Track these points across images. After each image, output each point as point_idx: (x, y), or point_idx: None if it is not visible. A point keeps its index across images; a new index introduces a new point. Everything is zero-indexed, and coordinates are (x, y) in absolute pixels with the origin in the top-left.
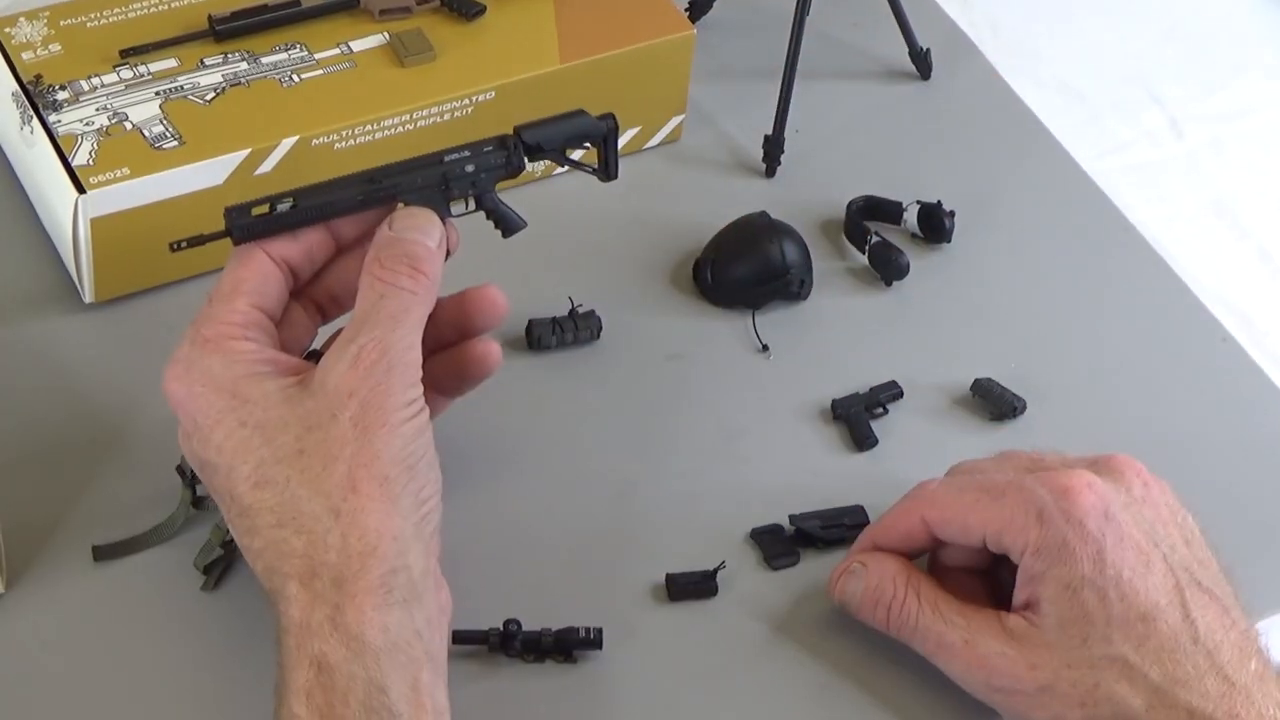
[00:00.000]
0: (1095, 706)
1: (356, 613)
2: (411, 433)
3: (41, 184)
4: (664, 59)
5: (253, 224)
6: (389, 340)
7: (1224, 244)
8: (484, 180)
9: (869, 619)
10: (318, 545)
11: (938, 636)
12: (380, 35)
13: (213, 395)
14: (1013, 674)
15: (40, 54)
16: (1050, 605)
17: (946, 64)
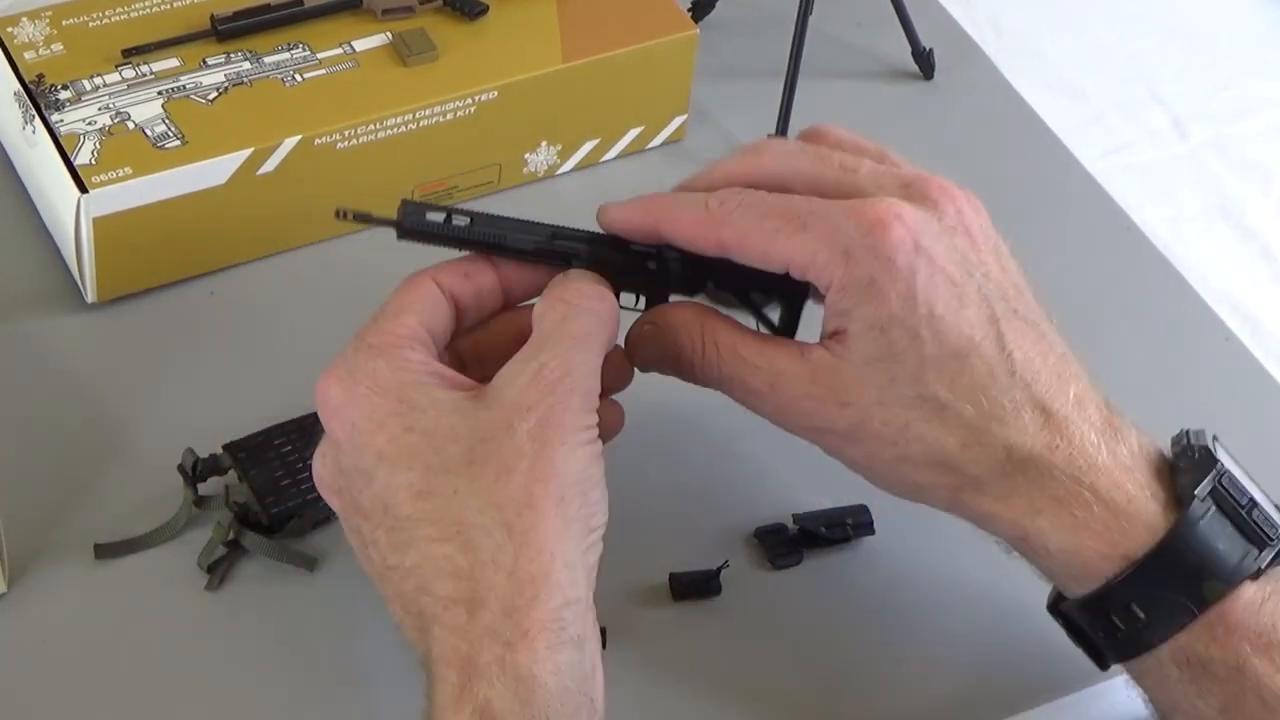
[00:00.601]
0: (907, 445)
1: (529, 651)
2: (588, 457)
3: (44, 183)
4: (667, 59)
5: (424, 227)
6: (572, 360)
7: (1228, 244)
8: (659, 286)
9: (675, 375)
10: (485, 565)
11: (743, 383)
12: (383, 35)
13: (378, 399)
14: (823, 415)
15: (42, 53)
16: (858, 343)
17: (949, 64)
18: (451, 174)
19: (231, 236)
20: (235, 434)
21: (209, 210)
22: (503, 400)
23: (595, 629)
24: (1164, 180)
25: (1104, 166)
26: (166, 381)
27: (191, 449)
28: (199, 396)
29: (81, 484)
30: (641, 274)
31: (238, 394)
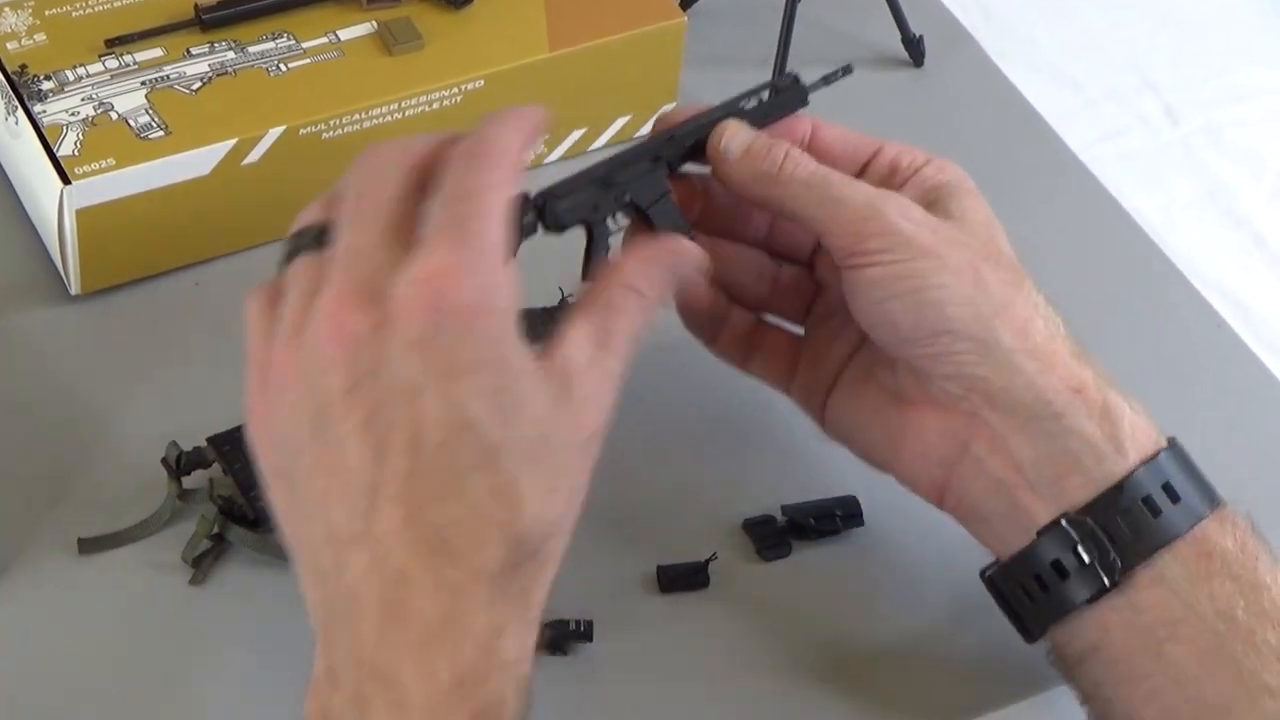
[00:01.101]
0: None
1: None
2: None
3: (26, 175)
4: (655, 47)
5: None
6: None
7: (1219, 231)
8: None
9: (751, 169)
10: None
11: (837, 183)
12: (368, 24)
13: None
14: (926, 221)
15: (25, 44)
16: (953, 201)
17: (940, 51)
18: None
19: (216, 228)
20: (220, 427)
21: (193, 201)
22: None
23: None
24: (1156, 167)
25: (1095, 153)
26: (150, 374)
27: (175, 442)
28: (183, 389)
29: (64, 478)
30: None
31: (223, 387)
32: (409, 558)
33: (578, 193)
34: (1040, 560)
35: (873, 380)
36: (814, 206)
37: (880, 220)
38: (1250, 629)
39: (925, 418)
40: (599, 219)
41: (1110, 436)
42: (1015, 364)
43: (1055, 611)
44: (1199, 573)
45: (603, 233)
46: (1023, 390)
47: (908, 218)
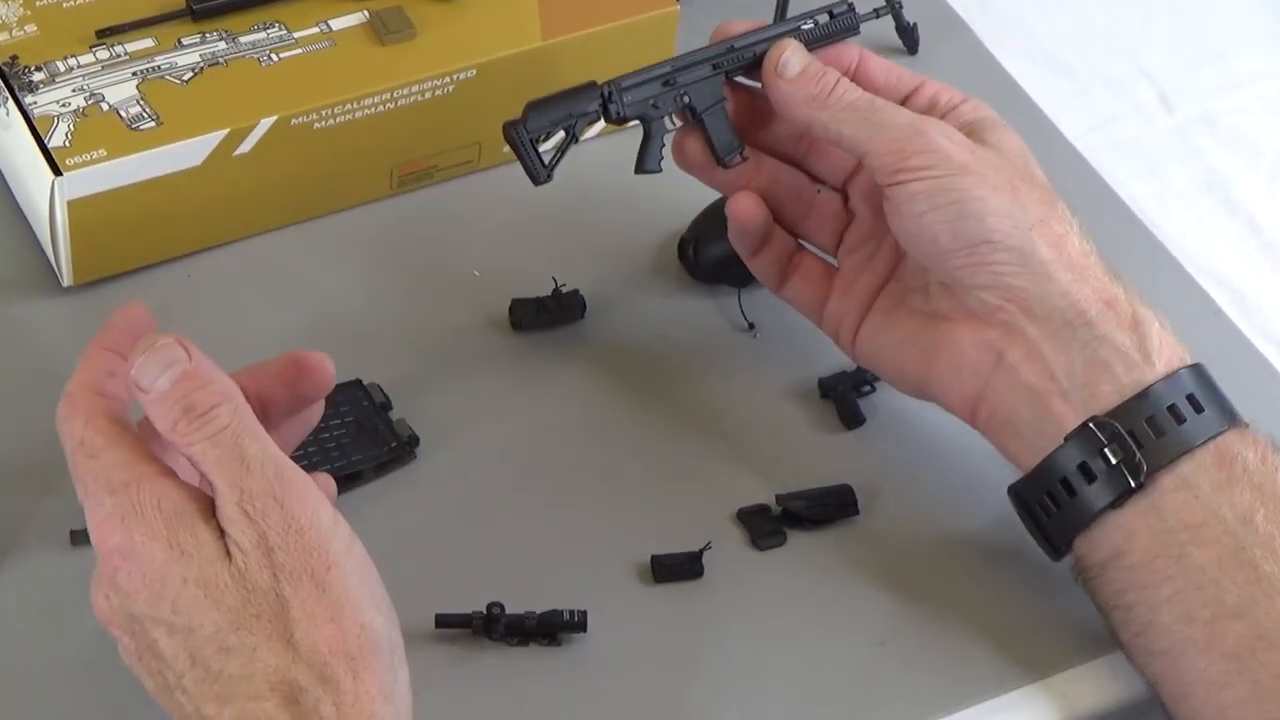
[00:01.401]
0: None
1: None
2: (358, 562)
3: (18, 166)
4: (647, 36)
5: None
6: (249, 483)
7: (1215, 219)
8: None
9: (805, 90)
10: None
11: (873, 107)
12: (360, 13)
13: (156, 546)
14: (968, 147)
15: (15, 35)
16: (991, 133)
17: (934, 38)
18: (431, 153)
19: (208, 219)
20: None
21: (185, 192)
22: (259, 556)
23: None
24: (1151, 155)
25: (1091, 141)
26: None
27: None
28: None
29: (57, 470)
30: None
31: None
32: None
33: (643, 85)
34: (1068, 464)
35: (904, 307)
36: (860, 128)
37: (923, 139)
38: (1270, 535)
39: (960, 332)
40: (657, 116)
41: (1139, 346)
42: (1051, 274)
43: (1080, 518)
44: (1221, 479)
45: (659, 129)
46: (1058, 299)
47: (949, 138)
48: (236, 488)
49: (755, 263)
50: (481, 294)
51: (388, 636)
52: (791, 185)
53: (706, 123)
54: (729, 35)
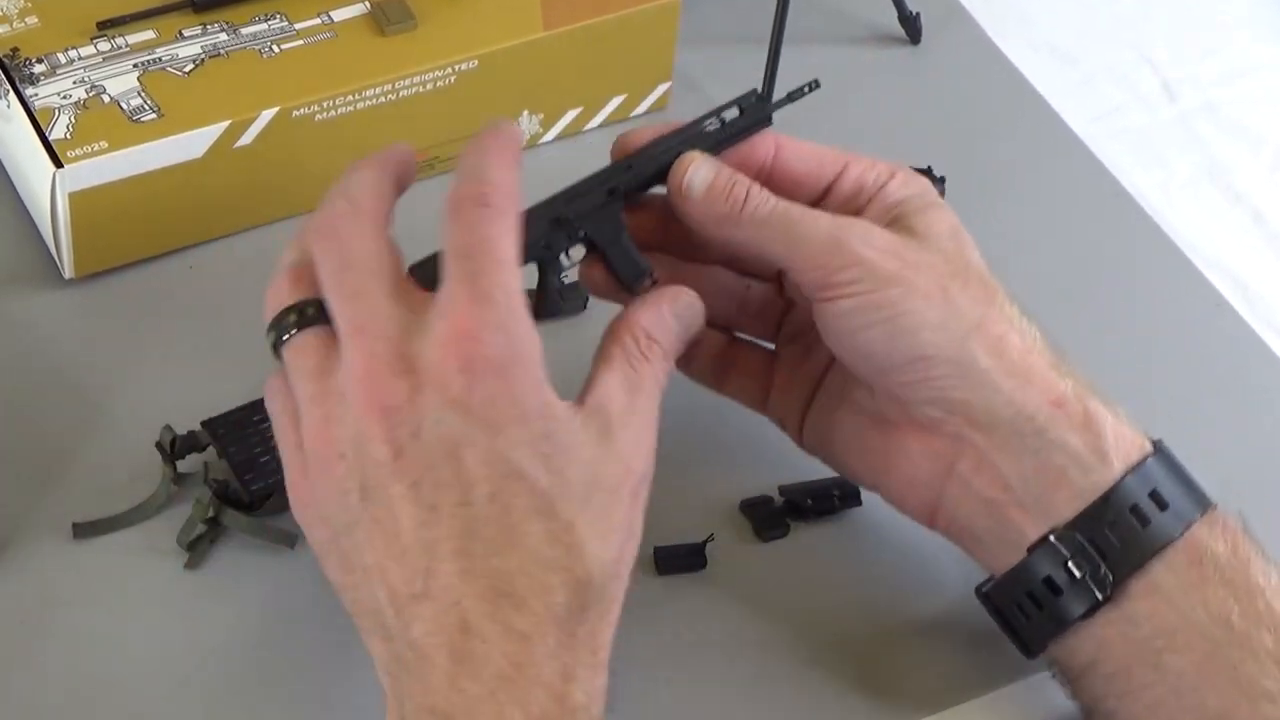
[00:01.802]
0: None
1: None
2: None
3: (19, 159)
4: (649, 26)
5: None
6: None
7: (1218, 208)
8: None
9: (713, 209)
10: None
11: (798, 218)
12: (361, 4)
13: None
14: (892, 245)
15: (16, 27)
16: (919, 218)
17: (936, 28)
18: (432, 144)
19: (210, 210)
20: (214, 410)
21: (187, 184)
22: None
23: None
24: (1154, 144)
25: (1094, 130)
26: (145, 358)
27: (170, 426)
28: (178, 373)
29: (59, 462)
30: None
31: (217, 370)
32: (474, 610)
33: (532, 229)
34: (1033, 577)
35: (849, 401)
36: (778, 245)
37: (845, 252)
38: (1246, 634)
39: (908, 440)
40: (552, 256)
41: (1094, 448)
42: (993, 383)
43: (1052, 628)
44: (1192, 580)
45: (555, 268)
46: (1003, 408)
47: (872, 246)
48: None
49: (690, 370)
50: None
51: None
52: (719, 285)
53: (608, 254)
54: (629, 149)
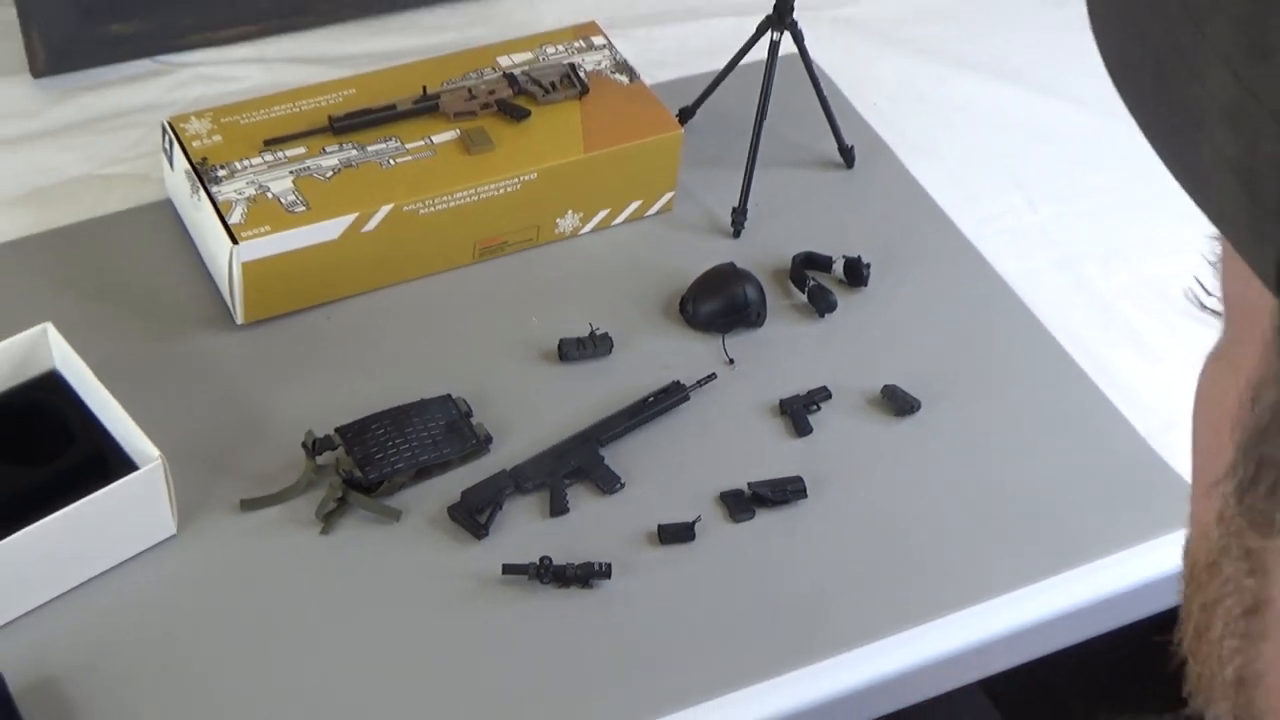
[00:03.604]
0: None
1: None
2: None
3: (206, 236)
4: (661, 151)
5: None
6: None
7: (1066, 290)
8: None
9: None
10: None
11: None
12: (454, 131)
13: None
14: None
15: (206, 143)
16: None
17: (865, 157)
18: (502, 233)
19: (342, 277)
20: (344, 420)
21: (326, 257)
22: None
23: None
24: (1020, 243)
25: (978, 232)
26: (294, 382)
27: (311, 431)
28: (318, 393)
29: (230, 457)
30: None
31: (346, 391)
32: None
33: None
34: None
35: None
36: None
37: None
38: None
39: None
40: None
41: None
42: None
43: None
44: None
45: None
46: None
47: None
48: None
49: None
50: (537, 335)
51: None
52: None
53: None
54: None
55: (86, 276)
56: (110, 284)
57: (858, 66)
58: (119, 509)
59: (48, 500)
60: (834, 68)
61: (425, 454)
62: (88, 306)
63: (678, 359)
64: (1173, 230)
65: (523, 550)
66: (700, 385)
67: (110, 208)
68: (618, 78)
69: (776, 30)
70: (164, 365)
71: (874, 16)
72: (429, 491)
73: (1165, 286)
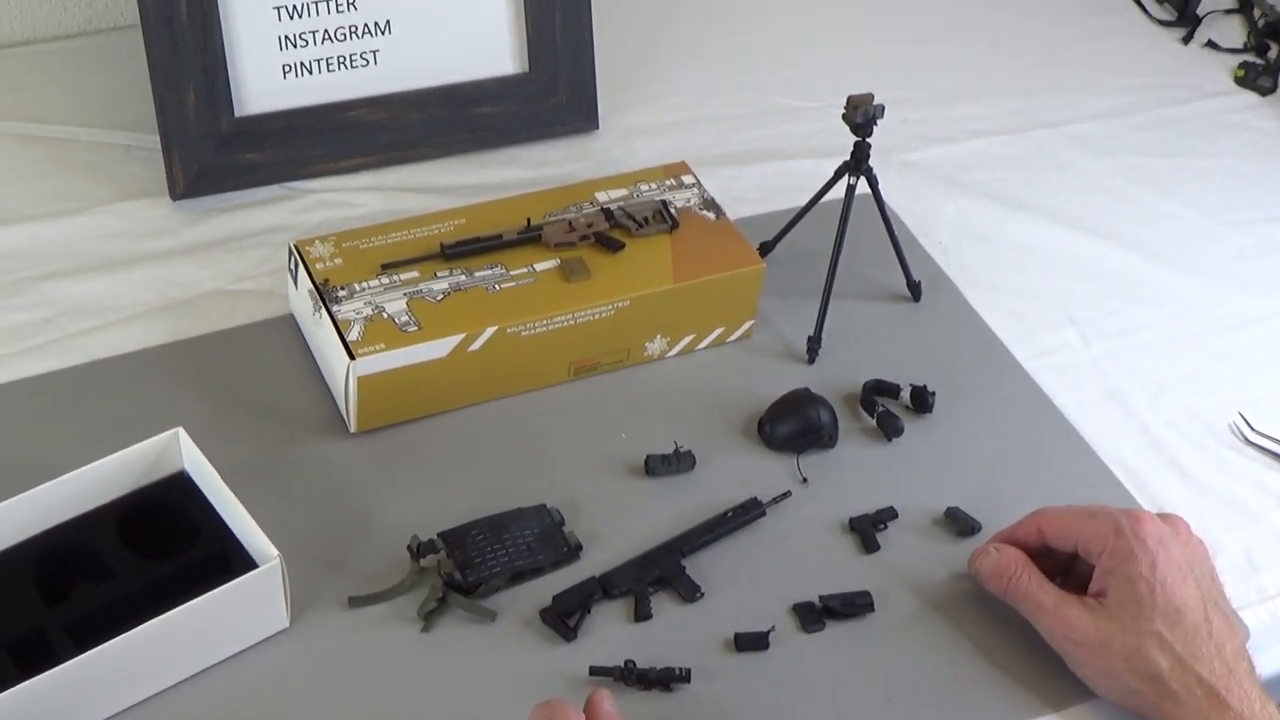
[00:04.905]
0: (1135, 661)
1: None
2: None
3: (325, 351)
4: (743, 282)
5: None
6: None
7: (1117, 421)
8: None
9: (991, 587)
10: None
11: (1038, 601)
12: (554, 260)
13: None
14: (1082, 630)
15: (329, 265)
16: (1115, 591)
17: (931, 291)
18: (595, 354)
19: (450, 391)
20: (446, 525)
21: (435, 374)
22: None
23: None
24: (1074, 375)
25: (1034, 365)
26: (401, 487)
27: (416, 535)
28: (422, 498)
29: (342, 556)
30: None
31: (449, 497)
32: None
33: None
34: None
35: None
36: (1029, 612)
37: (1066, 624)
38: None
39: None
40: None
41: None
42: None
43: None
44: None
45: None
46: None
47: (1080, 619)
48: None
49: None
50: (626, 450)
51: None
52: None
53: (673, 582)
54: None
55: (214, 384)
56: (235, 391)
57: (925, 207)
58: (239, 603)
59: (174, 593)
60: (903, 207)
61: (520, 559)
62: (215, 412)
63: (755, 476)
64: (1217, 368)
65: (608, 653)
66: (776, 502)
67: (237, 321)
68: (705, 214)
69: (853, 176)
70: (283, 469)
71: (940, 161)
72: (523, 595)
73: (1211, 421)
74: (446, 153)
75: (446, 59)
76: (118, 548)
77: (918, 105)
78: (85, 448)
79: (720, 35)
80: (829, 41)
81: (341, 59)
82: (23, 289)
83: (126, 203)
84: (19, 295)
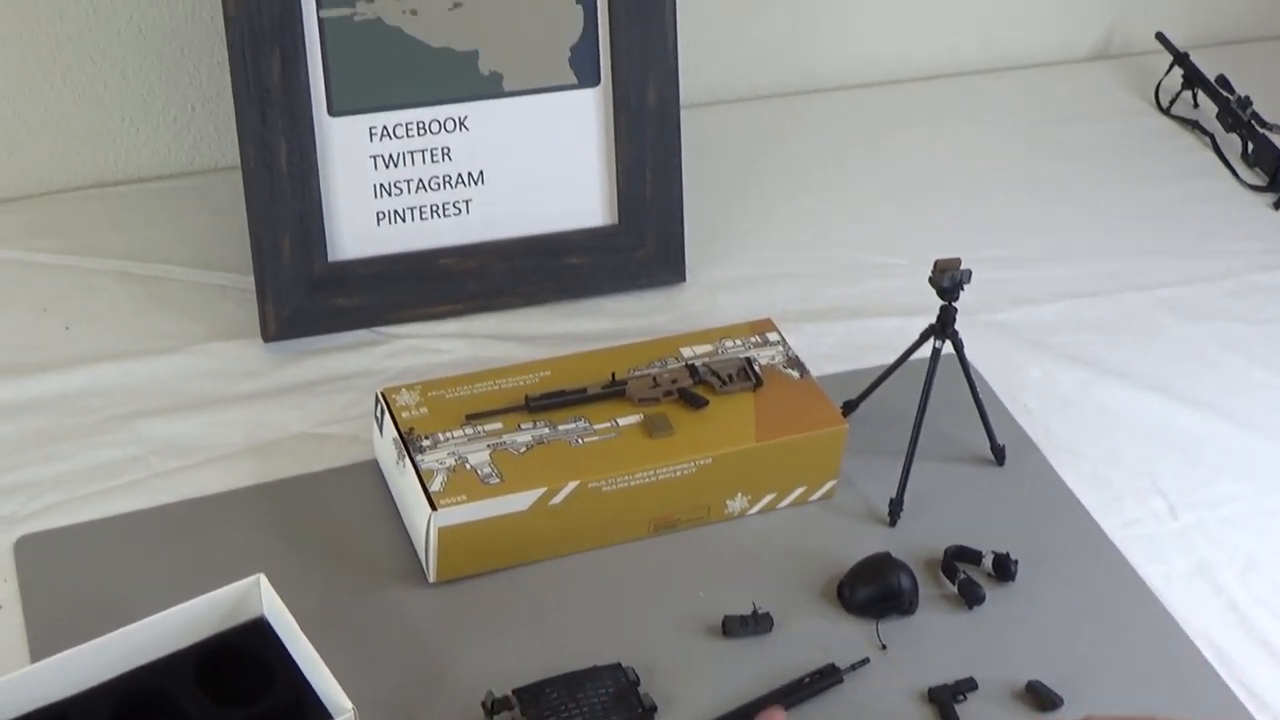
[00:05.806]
0: None
1: None
2: None
3: (406, 499)
4: (825, 442)
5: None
6: None
7: (1205, 596)
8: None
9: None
10: None
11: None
12: (637, 415)
13: None
14: None
15: (414, 414)
16: None
17: (1015, 455)
18: (676, 511)
19: (529, 544)
20: (521, 680)
21: (515, 527)
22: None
23: None
24: (1160, 547)
25: (1119, 535)
26: (477, 639)
27: (491, 691)
28: (498, 652)
29: (415, 709)
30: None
31: (524, 651)
32: None
33: None
34: None
35: None
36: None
37: None
38: None
39: None
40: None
41: None
42: None
43: None
44: None
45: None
46: None
47: None
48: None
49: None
50: (704, 609)
51: None
52: None
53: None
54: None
55: (296, 528)
56: (317, 536)
57: (1010, 368)
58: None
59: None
60: (987, 368)
61: (594, 718)
62: (296, 556)
63: (833, 641)
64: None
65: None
66: (854, 669)
67: (322, 464)
68: (789, 372)
69: (939, 339)
70: (361, 616)
71: (1026, 323)
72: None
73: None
74: (533, 302)
75: (537, 210)
76: (194, 693)
77: (1004, 265)
78: (168, 588)
79: (805, 189)
80: (914, 197)
81: (434, 208)
82: (114, 426)
83: (219, 343)
84: (110, 432)
